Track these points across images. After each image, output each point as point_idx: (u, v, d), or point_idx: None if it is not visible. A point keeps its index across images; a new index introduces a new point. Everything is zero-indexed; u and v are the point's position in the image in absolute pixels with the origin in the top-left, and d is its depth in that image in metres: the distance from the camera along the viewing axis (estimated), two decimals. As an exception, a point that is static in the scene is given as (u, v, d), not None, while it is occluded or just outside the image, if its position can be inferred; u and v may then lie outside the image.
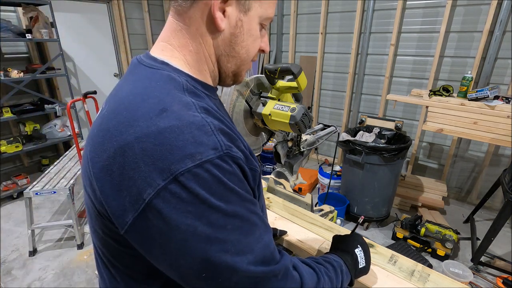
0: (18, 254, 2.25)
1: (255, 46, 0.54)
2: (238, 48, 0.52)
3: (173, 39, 0.50)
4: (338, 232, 1.01)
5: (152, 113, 0.40)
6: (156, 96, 0.43)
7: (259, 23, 0.52)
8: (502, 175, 2.17)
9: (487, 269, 2.09)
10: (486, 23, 2.52)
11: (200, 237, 0.39)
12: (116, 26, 3.90)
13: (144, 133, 0.39)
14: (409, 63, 3.03)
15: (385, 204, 2.50)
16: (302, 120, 0.95)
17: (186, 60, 0.50)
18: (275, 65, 0.98)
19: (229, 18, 0.48)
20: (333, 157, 1.38)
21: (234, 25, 0.49)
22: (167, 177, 0.37)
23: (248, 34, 0.51)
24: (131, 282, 0.50)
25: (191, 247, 0.39)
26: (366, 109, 3.45)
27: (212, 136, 0.41)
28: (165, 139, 0.38)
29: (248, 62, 0.56)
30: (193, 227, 0.38)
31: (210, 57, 0.52)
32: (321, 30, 3.43)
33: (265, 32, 0.56)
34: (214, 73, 0.54)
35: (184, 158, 0.38)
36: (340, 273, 0.62)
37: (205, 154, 0.39)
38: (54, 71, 3.16)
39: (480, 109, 2.03)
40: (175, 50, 0.50)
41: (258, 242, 0.43)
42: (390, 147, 2.23)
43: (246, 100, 1.04)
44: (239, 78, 0.58)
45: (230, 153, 0.42)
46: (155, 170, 0.37)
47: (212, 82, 0.55)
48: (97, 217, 0.46)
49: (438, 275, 0.81)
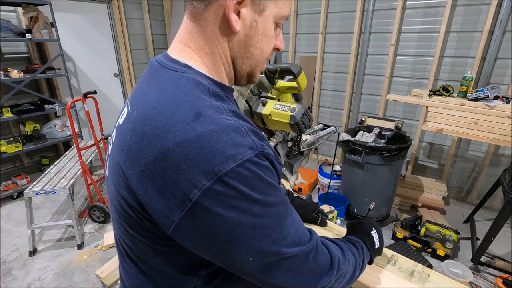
0: (18, 254, 2.25)
1: (270, 45, 0.54)
2: (253, 49, 0.52)
3: (190, 41, 0.50)
4: (338, 232, 1.01)
5: (189, 119, 0.42)
6: (188, 101, 0.44)
7: (274, 22, 0.52)
8: (502, 175, 2.17)
9: (487, 269, 2.09)
10: (486, 23, 2.52)
11: (245, 227, 0.42)
12: (116, 26, 3.90)
13: (184, 138, 0.40)
14: (409, 63, 3.03)
15: (385, 204, 2.50)
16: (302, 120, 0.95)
17: (204, 62, 0.51)
18: (275, 65, 0.98)
19: (244, 19, 0.48)
20: (333, 157, 1.38)
21: (249, 26, 0.49)
22: (212, 178, 0.40)
23: (263, 34, 0.51)
24: (163, 278, 0.53)
25: (238, 236, 0.43)
26: (366, 109, 3.45)
27: (247, 137, 0.43)
28: (206, 143, 0.40)
29: (262, 62, 0.56)
30: (238, 219, 0.42)
31: (226, 59, 0.52)
32: (321, 30, 3.43)
33: (280, 31, 0.56)
34: (230, 74, 0.55)
35: (227, 160, 0.40)
36: (361, 251, 0.69)
37: (244, 154, 0.42)
38: (54, 71, 3.16)
39: (480, 109, 2.03)
40: (193, 52, 0.50)
41: (293, 225, 0.48)
42: (390, 147, 2.23)
43: (246, 100, 1.04)
44: (253, 79, 0.59)
45: (264, 151, 0.44)
46: (199, 172, 0.40)
47: (228, 83, 0.56)
48: (131, 218, 0.48)
49: (438, 275, 0.81)
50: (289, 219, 0.48)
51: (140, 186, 0.44)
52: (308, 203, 1.06)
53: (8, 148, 2.84)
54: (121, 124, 0.51)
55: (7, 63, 2.98)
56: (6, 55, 3.02)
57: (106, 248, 2.30)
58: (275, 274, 0.47)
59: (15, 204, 2.93)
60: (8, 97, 2.80)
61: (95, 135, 2.76)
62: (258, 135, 0.46)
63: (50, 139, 3.23)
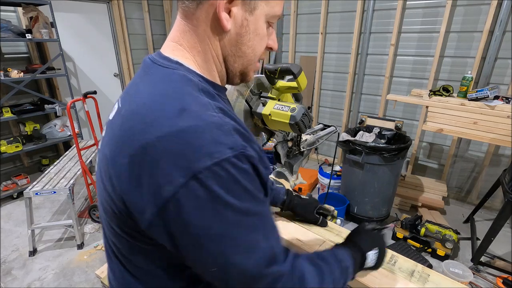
0: (18, 254, 2.25)
1: (262, 45, 0.54)
2: (244, 48, 0.52)
3: (182, 39, 0.51)
4: (338, 232, 1.01)
5: (173, 114, 0.42)
6: (176, 97, 0.44)
7: (266, 21, 0.52)
8: (502, 175, 2.17)
9: (487, 269, 2.09)
10: (486, 23, 2.52)
11: (212, 233, 0.41)
12: (116, 26, 3.90)
13: (165, 133, 0.40)
14: (409, 63, 3.03)
15: (385, 204, 2.50)
16: (302, 120, 0.95)
17: (195, 60, 0.51)
18: (275, 65, 0.98)
19: (235, 18, 0.48)
20: (333, 157, 1.38)
21: (240, 25, 0.49)
22: (187, 175, 0.39)
23: (254, 33, 0.51)
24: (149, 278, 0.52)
25: (204, 242, 0.41)
26: (366, 109, 3.45)
27: (230, 136, 0.42)
28: (186, 138, 0.40)
29: (255, 61, 0.56)
30: (207, 223, 0.40)
31: (217, 58, 0.52)
32: (321, 30, 3.43)
33: (273, 30, 0.56)
34: (222, 73, 0.55)
35: (204, 157, 0.39)
36: (345, 274, 0.61)
37: (223, 152, 0.40)
38: (54, 71, 3.16)
39: (480, 109, 2.03)
40: (185, 50, 0.51)
41: (266, 241, 0.45)
42: (390, 147, 2.23)
43: (246, 100, 1.04)
44: (247, 78, 0.58)
45: (245, 152, 0.42)
46: (176, 168, 0.39)
47: (220, 81, 0.56)
48: (115, 214, 0.47)
49: (438, 275, 0.81)
50: (263, 234, 0.45)
51: (120, 179, 0.43)
52: (308, 202, 1.05)
53: (8, 148, 2.83)
54: (111, 120, 0.51)
55: (7, 63, 2.98)
56: (6, 55, 3.02)
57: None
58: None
59: (15, 204, 2.93)
60: (8, 97, 2.79)
61: (95, 135, 2.76)
62: (244, 135, 0.45)
63: (50, 139, 3.23)
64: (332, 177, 2.89)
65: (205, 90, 0.48)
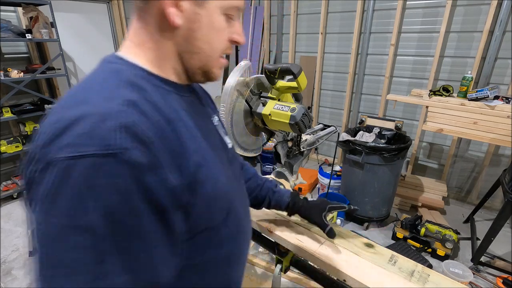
0: (18, 254, 2.25)
1: (220, 39, 0.52)
2: (199, 44, 0.50)
3: (134, 37, 0.50)
4: (338, 232, 1.01)
5: (72, 103, 0.41)
6: (91, 88, 0.44)
7: (223, 14, 0.50)
8: (502, 175, 2.17)
9: (487, 269, 2.09)
10: (486, 23, 2.52)
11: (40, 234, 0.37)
12: (116, 26, 3.90)
13: (53, 120, 0.40)
14: (409, 63, 3.03)
15: (385, 204, 2.50)
16: (302, 120, 0.95)
17: (148, 57, 0.50)
18: (275, 65, 0.98)
19: (185, 13, 0.47)
20: (333, 157, 1.38)
21: (191, 19, 0.47)
22: (42, 161, 0.37)
23: (209, 27, 0.49)
24: None
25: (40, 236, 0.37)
26: (366, 109, 3.45)
27: (114, 132, 0.37)
28: (62, 125, 0.37)
29: (216, 57, 0.53)
30: (39, 218, 0.37)
31: (172, 54, 0.51)
32: (321, 30, 3.43)
33: (236, 22, 0.54)
34: (179, 70, 0.53)
35: (66, 147, 0.36)
36: None
37: (88, 148, 0.35)
38: (54, 71, 3.15)
39: (480, 109, 2.03)
40: (136, 47, 0.50)
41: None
42: (390, 147, 2.23)
43: (246, 100, 1.04)
44: (211, 75, 0.56)
45: (120, 154, 0.36)
46: (41, 153, 0.37)
47: (177, 79, 0.54)
48: None
49: (438, 275, 0.81)
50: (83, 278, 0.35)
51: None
52: (314, 204, 0.92)
53: (8, 148, 2.84)
54: None
55: (7, 63, 2.98)
56: (6, 55, 3.02)
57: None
58: None
59: (15, 204, 2.93)
60: (8, 97, 2.79)
61: (95, 135, 2.75)
62: (137, 136, 0.38)
63: (50, 139, 3.23)
64: (332, 177, 2.89)
65: (133, 82, 0.45)
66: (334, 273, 0.85)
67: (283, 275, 1.05)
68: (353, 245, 0.93)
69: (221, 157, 0.58)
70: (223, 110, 0.98)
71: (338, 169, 2.97)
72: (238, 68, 1.01)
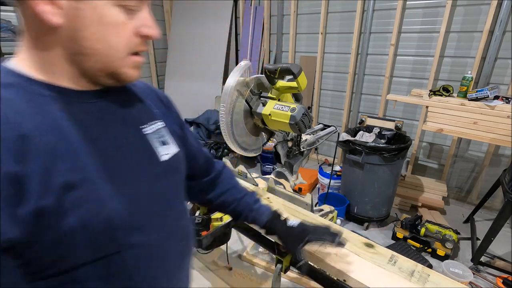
0: None
1: (120, 36, 0.46)
2: (90, 43, 0.44)
3: (22, 42, 0.46)
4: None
5: None
6: None
7: (119, 5, 0.44)
8: (502, 175, 2.17)
9: (487, 269, 2.09)
10: (486, 23, 2.52)
11: None
12: (116, 26, 3.90)
13: None
14: (409, 63, 3.03)
15: (385, 204, 2.50)
16: (302, 120, 0.95)
17: (33, 61, 0.46)
18: (275, 65, 0.98)
19: (64, 10, 0.41)
20: (333, 157, 1.38)
21: (73, 16, 0.42)
22: None
23: (99, 23, 0.43)
24: None
25: None
26: (366, 109, 3.45)
27: None
28: None
29: (121, 57, 0.47)
30: None
31: (59, 58, 0.45)
32: (321, 30, 3.43)
33: (142, 13, 0.48)
34: (72, 74, 0.47)
35: None
36: None
37: None
38: (54, 71, 3.16)
39: (480, 109, 2.03)
40: (24, 52, 0.46)
41: None
42: (390, 147, 2.23)
43: (246, 100, 1.04)
44: (122, 76, 0.49)
45: None
46: None
47: (72, 84, 0.48)
48: None
49: (438, 275, 0.81)
50: None
51: None
52: (292, 233, 0.82)
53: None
54: None
55: (7, 63, 2.98)
56: (6, 55, 3.02)
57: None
58: None
59: None
60: (8, 97, 2.80)
61: (95, 135, 2.75)
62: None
63: (50, 139, 3.23)
64: (332, 177, 2.89)
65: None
66: (334, 273, 0.85)
67: (283, 275, 1.05)
68: (353, 245, 0.93)
69: (133, 174, 0.51)
70: (223, 110, 0.98)
71: (338, 169, 2.98)
72: (238, 68, 1.01)
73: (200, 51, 4.19)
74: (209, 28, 4.11)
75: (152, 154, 0.56)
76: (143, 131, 0.56)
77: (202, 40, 4.17)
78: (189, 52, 4.28)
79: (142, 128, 0.56)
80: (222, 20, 4.02)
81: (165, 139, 0.60)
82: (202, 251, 1.06)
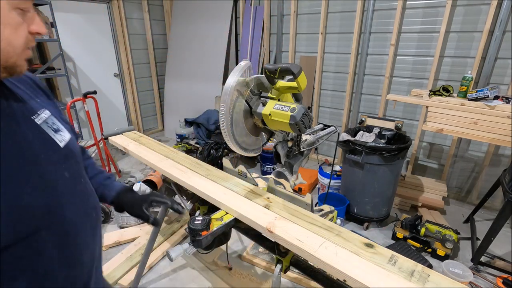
0: None
1: (19, 35, 0.51)
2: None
3: None
4: (338, 232, 1.01)
5: None
6: None
7: (15, 8, 0.49)
8: (502, 175, 2.17)
9: (487, 269, 2.09)
10: (486, 23, 2.52)
11: None
12: (116, 26, 3.90)
13: None
14: (409, 63, 3.03)
15: (385, 204, 2.50)
16: (302, 120, 0.95)
17: None
18: (275, 65, 0.98)
19: None
20: (333, 157, 1.38)
21: None
22: None
23: (3, 26, 0.48)
24: None
25: None
26: (366, 109, 3.45)
27: None
28: None
29: (19, 53, 0.52)
30: None
31: None
32: (321, 30, 3.43)
33: (31, 14, 0.53)
34: None
35: None
36: None
37: None
38: (54, 71, 3.16)
39: (480, 109, 2.03)
40: None
41: None
42: (390, 147, 2.23)
43: (246, 100, 1.04)
44: (17, 69, 0.54)
45: None
46: None
47: None
48: None
49: (438, 275, 0.81)
50: None
51: None
52: (137, 198, 0.92)
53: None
54: None
55: (7, 63, 2.98)
56: None
57: (106, 248, 2.30)
58: None
59: None
60: (8, 97, 2.79)
61: (95, 135, 2.76)
62: None
63: (50, 139, 3.23)
64: (332, 177, 2.89)
65: None
66: (334, 273, 0.85)
67: (283, 275, 1.05)
68: (353, 245, 0.93)
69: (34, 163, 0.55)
70: (223, 110, 0.98)
71: (338, 169, 2.98)
72: (238, 68, 1.01)
73: (200, 51, 4.20)
74: (209, 28, 4.11)
75: (52, 142, 0.61)
76: (36, 121, 0.59)
77: (202, 40, 4.18)
78: (189, 52, 4.28)
79: (34, 119, 0.59)
80: (222, 20, 4.03)
81: (57, 126, 0.64)
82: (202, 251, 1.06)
